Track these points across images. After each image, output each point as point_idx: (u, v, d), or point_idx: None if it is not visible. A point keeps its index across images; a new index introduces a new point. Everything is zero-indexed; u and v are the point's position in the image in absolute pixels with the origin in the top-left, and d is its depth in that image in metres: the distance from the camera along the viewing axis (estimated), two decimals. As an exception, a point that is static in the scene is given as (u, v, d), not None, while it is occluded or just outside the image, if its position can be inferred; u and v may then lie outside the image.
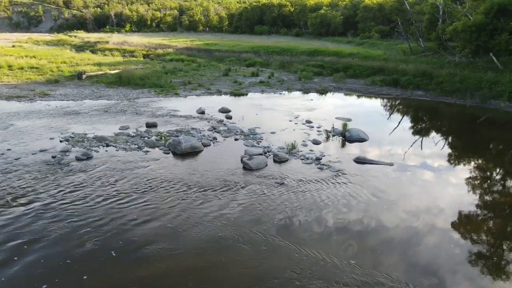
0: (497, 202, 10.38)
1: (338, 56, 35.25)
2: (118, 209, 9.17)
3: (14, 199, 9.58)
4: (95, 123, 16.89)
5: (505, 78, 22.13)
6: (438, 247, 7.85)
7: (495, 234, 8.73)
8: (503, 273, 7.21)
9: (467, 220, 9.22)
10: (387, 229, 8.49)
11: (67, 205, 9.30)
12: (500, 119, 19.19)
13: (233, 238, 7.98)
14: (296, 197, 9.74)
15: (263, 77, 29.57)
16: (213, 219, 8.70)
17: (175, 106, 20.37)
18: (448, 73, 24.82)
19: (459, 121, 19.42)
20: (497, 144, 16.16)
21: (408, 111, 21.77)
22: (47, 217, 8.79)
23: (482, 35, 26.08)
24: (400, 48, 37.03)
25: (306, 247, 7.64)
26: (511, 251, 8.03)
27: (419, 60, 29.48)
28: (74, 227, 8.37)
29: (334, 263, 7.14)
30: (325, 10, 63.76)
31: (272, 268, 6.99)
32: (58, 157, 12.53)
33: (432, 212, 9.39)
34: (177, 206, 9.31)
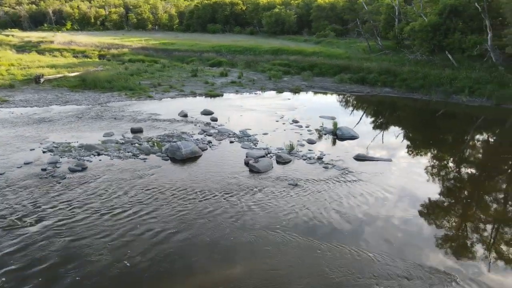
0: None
1: (301, 55, 36.13)
2: (138, 222, 8.87)
3: (21, 218, 8.90)
4: (74, 130, 15.99)
5: (462, 75, 24.16)
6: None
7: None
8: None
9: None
10: (415, 223, 9.08)
11: (81, 222, 8.83)
12: (463, 112, 20.96)
13: (274, 243, 8.09)
14: (316, 198, 10.05)
15: (233, 77, 29.57)
16: (243, 226, 8.73)
17: (153, 109, 19.79)
18: (410, 70, 26.55)
19: (431, 115, 20.81)
20: (467, 135, 17.71)
21: (383, 107, 22.99)
22: (66, 235, 8.29)
23: (437, 34, 28.22)
24: (358, 46, 38.78)
25: (348, 246, 7.96)
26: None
27: (380, 58, 31.16)
28: (98, 244, 7.98)
29: (384, 260, 7.54)
30: (279, 9, 64.80)
31: (326, 269, 7.22)
32: (49, 169, 11.78)
33: (448, 200, 10.19)
34: (201, 215, 9.20)
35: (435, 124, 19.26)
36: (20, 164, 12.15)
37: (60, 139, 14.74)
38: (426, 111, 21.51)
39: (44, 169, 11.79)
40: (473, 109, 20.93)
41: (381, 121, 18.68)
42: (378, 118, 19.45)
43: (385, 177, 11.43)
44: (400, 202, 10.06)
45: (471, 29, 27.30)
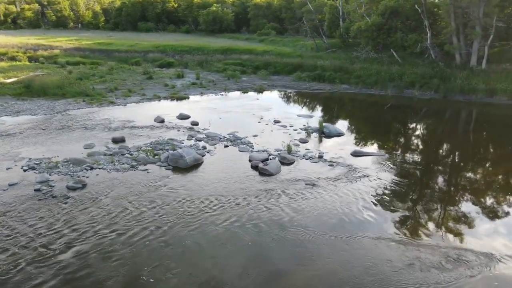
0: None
1: (253, 54, 36.59)
2: (177, 239, 8.62)
3: (47, 246, 8.13)
4: (45, 144, 14.68)
5: (409, 70, 26.58)
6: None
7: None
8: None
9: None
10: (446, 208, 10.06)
11: (111, 245, 8.33)
12: (419, 105, 23.15)
13: (335, 244, 8.43)
14: (340, 196, 10.60)
15: (190, 78, 29.04)
16: (286, 231, 8.94)
17: (122, 116, 18.81)
18: (361, 67, 28.48)
19: (395, 109, 22.54)
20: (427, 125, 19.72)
21: (348, 104, 24.32)
22: (106, 258, 7.78)
23: (381, 33, 30.60)
24: (304, 45, 40.31)
25: (394, 239, 8.61)
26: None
27: (329, 56, 32.86)
28: (139, 266, 7.65)
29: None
30: (216, 7, 64.55)
31: (378, 262, 7.77)
32: (44, 189, 10.82)
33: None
34: (237, 225, 9.19)
35: (402, 117, 21.07)
36: (4, 186, 10.94)
37: (36, 154, 13.47)
38: (389, 105, 23.32)
39: (38, 189, 10.79)
40: (426, 102, 23.24)
41: (355, 117, 19.92)
42: (350, 114, 20.73)
43: (391, 171, 12.41)
44: (412, 193, 11.04)
45: (410, 29, 30.07)
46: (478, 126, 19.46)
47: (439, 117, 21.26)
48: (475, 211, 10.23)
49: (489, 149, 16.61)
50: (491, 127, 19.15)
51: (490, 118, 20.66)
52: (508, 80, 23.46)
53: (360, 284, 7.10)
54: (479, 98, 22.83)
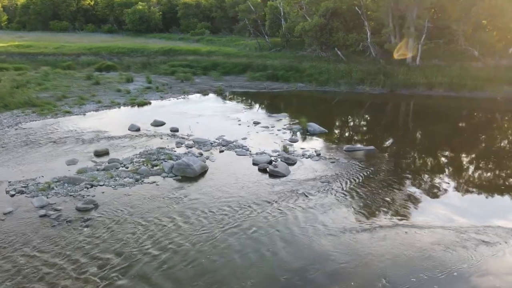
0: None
1: (197, 55, 36.11)
2: (231, 250, 8.55)
3: (104, 278, 7.47)
4: (16, 163, 13.20)
5: (355, 68, 28.67)
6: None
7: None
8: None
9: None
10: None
11: (169, 264, 8.02)
12: (371, 99, 25.14)
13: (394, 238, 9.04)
14: (365, 190, 11.34)
15: (141, 82, 27.76)
16: (335, 228, 9.38)
17: (89, 126, 17.48)
18: (311, 66, 29.92)
19: (357, 105, 24.10)
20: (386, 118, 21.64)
21: (311, 101, 25.01)
22: (180, 277, 7.47)
23: (324, 33, 32.43)
24: (244, 44, 40.86)
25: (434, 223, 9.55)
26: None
27: (277, 55, 33.87)
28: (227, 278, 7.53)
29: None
30: (142, 6, 61.88)
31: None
32: (51, 213, 9.84)
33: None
34: (277, 231, 9.38)
35: (367, 112, 22.76)
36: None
37: (13, 176, 12.05)
38: (348, 101, 24.90)
39: (44, 215, 9.76)
40: (378, 97, 25.35)
41: (326, 114, 20.87)
42: (319, 111, 21.68)
43: (390, 162, 13.60)
44: (419, 181, 12.24)
45: (350, 28, 32.36)
46: (426, 115, 21.82)
47: (395, 110, 23.40)
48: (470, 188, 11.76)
49: (439, 132, 18.84)
50: (435, 115, 21.57)
51: (431, 107, 23.28)
52: (440, 74, 26.66)
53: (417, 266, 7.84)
54: (421, 91, 25.59)
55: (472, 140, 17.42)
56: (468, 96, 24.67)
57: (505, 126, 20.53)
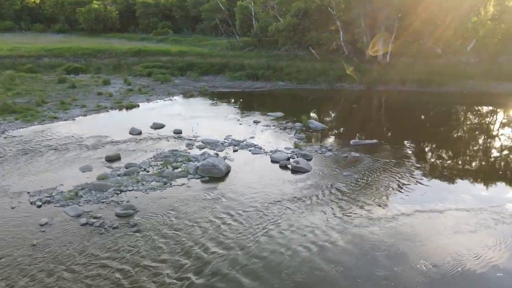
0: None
1: (168, 55, 35.61)
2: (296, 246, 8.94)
3: (182, 279, 7.54)
4: (25, 173, 12.59)
5: (331, 66, 29.90)
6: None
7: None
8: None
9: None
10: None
11: (242, 261, 8.24)
12: (354, 95, 26.40)
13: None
14: (383, 179, 12.13)
15: (119, 84, 26.97)
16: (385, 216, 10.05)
17: (85, 131, 16.88)
18: (287, 65, 30.73)
19: (343, 101, 25.27)
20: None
21: (298, 99, 25.60)
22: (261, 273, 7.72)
23: (297, 33, 33.42)
24: (213, 43, 40.89)
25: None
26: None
27: (252, 55, 34.34)
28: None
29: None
30: (98, 4, 59.42)
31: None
32: (93, 221, 9.62)
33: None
34: (322, 225, 9.90)
35: (356, 107, 23.86)
36: (36, 228, 9.33)
37: (28, 186, 11.55)
38: (332, 98, 25.95)
39: (86, 223, 9.53)
40: (359, 93, 26.70)
41: (318, 111, 21.67)
42: (310, 108, 22.50)
43: (395, 152, 14.57)
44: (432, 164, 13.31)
45: (322, 28, 33.62)
46: (407, 109, 23.45)
47: (378, 105, 24.73)
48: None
49: (424, 124, 20.41)
50: (414, 109, 23.28)
51: (409, 102, 24.99)
52: (411, 71, 28.61)
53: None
54: (395, 87, 27.32)
55: (455, 130, 19.10)
56: (438, 91, 26.76)
57: (474, 115, 22.60)
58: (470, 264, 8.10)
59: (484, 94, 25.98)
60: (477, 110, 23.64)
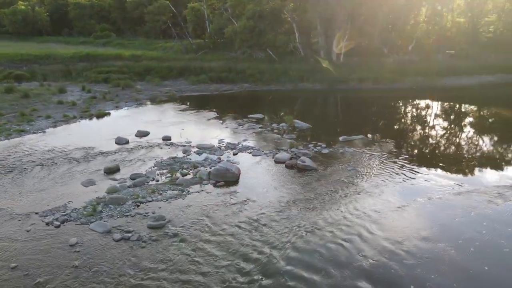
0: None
1: (120, 59, 34.21)
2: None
3: (251, 282, 7.71)
4: (22, 193, 11.67)
5: (291, 67, 31.02)
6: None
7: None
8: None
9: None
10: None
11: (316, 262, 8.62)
12: (319, 94, 27.65)
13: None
14: (386, 170, 13.17)
15: (77, 92, 25.43)
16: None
17: (66, 144, 15.89)
18: (248, 67, 31.26)
19: (311, 100, 26.33)
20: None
21: (270, 99, 26.15)
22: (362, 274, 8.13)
23: (253, 35, 34.11)
24: (164, 47, 40.03)
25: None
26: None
27: (207, 58, 34.27)
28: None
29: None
30: (25, 5, 54.69)
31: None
32: (128, 235, 9.35)
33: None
34: (358, 217, 10.62)
35: (327, 105, 25.07)
36: (68, 249, 8.86)
37: (36, 206, 10.77)
38: (300, 97, 26.85)
39: (121, 239, 9.21)
40: (321, 92, 28.05)
41: (293, 111, 22.32)
42: (285, 108, 23.22)
43: (382, 146, 15.82)
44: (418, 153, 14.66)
45: (279, 30, 34.68)
46: (370, 104, 25.31)
47: (345, 102, 26.15)
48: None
49: (392, 117, 22.25)
50: (378, 104, 25.23)
51: (371, 98, 26.95)
52: (364, 69, 30.77)
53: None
54: (354, 86, 29.19)
55: (420, 120, 21.14)
56: (391, 87, 29.14)
57: (427, 107, 25.05)
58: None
59: (430, 89, 28.84)
60: (430, 103, 26.22)
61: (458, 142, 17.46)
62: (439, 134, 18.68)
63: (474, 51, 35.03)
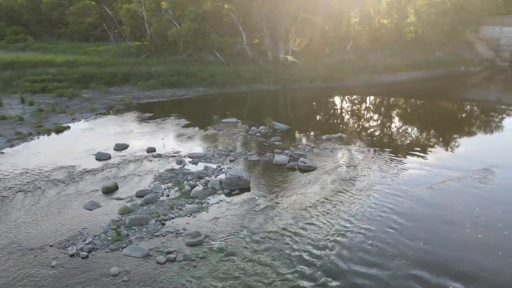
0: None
1: (52, 66, 31.17)
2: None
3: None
4: (19, 225, 10.50)
5: (243, 69, 31.27)
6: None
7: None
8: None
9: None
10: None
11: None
12: (278, 95, 28.30)
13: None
14: (382, 162, 14.20)
15: (17, 104, 22.59)
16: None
17: (39, 165, 14.33)
18: (198, 70, 30.79)
19: (271, 100, 26.96)
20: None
21: (232, 102, 25.94)
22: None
23: (198, 37, 33.69)
24: (96, 50, 37.49)
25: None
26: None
27: (155, 61, 32.96)
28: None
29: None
30: None
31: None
32: (171, 257, 8.99)
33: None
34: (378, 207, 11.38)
35: (291, 105, 25.64)
36: (113, 280, 8.24)
37: (47, 238, 9.77)
38: (260, 99, 27.08)
39: (166, 261, 8.78)
40: (278, 92, 28.68)
41: (261, 113, 22.49)
42: (252, 110, 23.47)
43: (365, 139, 16.99)
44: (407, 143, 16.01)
45: (225, 32, 34.63)
46: (328, 102, 26.79)
47: (303, 101, 27.02)
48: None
49: (351, 112, 23.87)
50: (332, 101, 26.85)
51: (323, 96, 28.46)
52: (311, 69, 32.25)
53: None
54: (305, 85, 30.41)
55: (374, 113, 23.01)
56: (340, 85, 30.97)
57: (380, 101, 27.32)
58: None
59: (372, 85, 31.36)
60: (379, 97, 28.55)
61: (427, 132, 19.53)
62: (404, 125, 20.67)
63: (401, 50, 38.77)
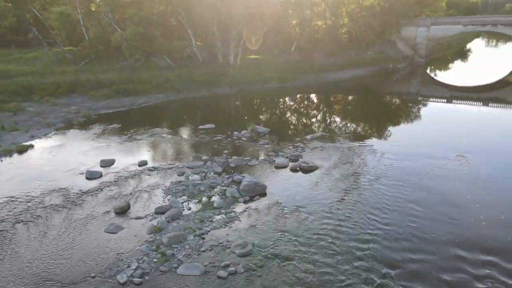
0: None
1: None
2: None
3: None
4: (49, 255, 9.65)
5: (195, 72, 30.88)
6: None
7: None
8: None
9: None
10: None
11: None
12: (241, 96, 28.43)
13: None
14: (378, 160, 15.34)
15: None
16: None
17: (26, 189, 12.99)
18: (152, 76, 29.70)
19: (241, 103, 27.23)
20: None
21: (198, 108, 25.45)
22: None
23: (145, 41, 32.45)
24: (22, 58, 34.01)
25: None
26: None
27: (91, 69, 30.76)
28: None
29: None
30: None
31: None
32: (234, 270, 9.05)
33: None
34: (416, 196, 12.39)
35: (259, 106, 25.89)
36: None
37: (82, 271, 9.16)
38: (224, 102, 27.10)
39: (227, 275, 8.84)
40: (237, 94, 28.87)
41: (233, 116, 22.63)
42: (224, 115, 23.37)
43: (347, 136, 18.14)
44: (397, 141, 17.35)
45: (173, 36, 33.73)
46: (290, 100, 27.82)
47: (267, 102, 27.99)
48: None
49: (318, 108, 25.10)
50: (292, 99, 27.93)
51: (284, 95, 29.43)
52: (263, 70, 33.01)
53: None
54: (261, 86, 31.02)
55: (334, 107, 24.56)
56: (293, 85, 32.17)
57: (338, 98, 29.00)
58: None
59: (321, 83, 33.25)
60: (334, 94, 30.26)
61: (394, 123, 21.49)
62: (369, 118, 22.49)
63: (339, 50, 41.40)
